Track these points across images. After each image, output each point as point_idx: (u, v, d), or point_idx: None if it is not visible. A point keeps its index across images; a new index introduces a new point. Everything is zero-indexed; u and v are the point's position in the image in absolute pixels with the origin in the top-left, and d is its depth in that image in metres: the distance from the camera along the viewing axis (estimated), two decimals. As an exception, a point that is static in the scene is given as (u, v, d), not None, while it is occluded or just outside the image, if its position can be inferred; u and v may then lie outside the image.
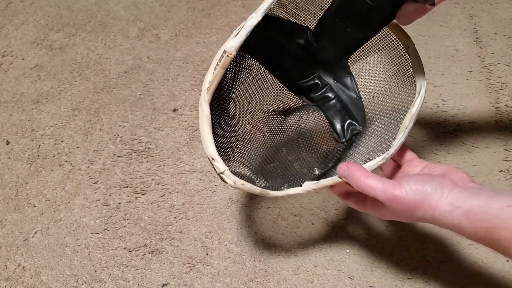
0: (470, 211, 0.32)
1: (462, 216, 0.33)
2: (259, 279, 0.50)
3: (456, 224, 0.33)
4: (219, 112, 0.42)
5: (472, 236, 0.33)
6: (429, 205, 0.35)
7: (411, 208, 0.35)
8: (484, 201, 0.32)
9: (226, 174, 0.37)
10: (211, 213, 0.56)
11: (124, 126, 0.65)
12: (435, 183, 0.35)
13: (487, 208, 0.32)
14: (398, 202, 0.35)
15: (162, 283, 0.50)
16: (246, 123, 0.48)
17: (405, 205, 0.35)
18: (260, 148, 0.48)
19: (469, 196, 0.33)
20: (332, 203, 0.56)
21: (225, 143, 0.42)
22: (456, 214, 0.33)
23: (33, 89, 0.71)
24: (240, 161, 0.43)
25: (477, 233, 0.32)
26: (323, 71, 0.51)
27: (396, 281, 0.49)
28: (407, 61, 0.43)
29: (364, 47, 0.47)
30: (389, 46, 0.45)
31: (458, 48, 0.74)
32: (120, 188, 0.58)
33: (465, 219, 0.33)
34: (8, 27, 0.81)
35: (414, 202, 0.35)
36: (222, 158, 0.37)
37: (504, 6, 0.80)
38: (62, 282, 0.50)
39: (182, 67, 0.73)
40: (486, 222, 0.31)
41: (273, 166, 0.46)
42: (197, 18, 0.82)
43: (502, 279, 0.49)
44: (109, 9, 0.84)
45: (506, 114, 0.64)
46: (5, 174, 0.60)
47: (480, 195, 0.33)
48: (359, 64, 0.49)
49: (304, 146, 0.50)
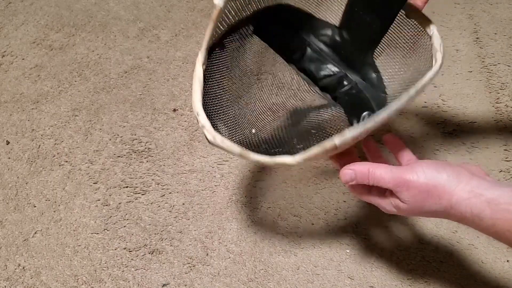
0: (494, 200, 0.30)
1: (484, 204, 0.31)
2: (259, 279, 0.50)
3: (476, 213, 0.31)
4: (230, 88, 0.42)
5: (490, 227, 0.31)
6: (444, 191, 0.32)
7: (422, 195, 0.33)
8: (510, 191, 0.30)
9: (207, 129, 0.36)
10: (211, 213, 0.56)
11: (124, 126, 0.65)
12: (451, 171, 0.33)
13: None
14: (408, 187, 0.33)
15: (162, 283, 0.50)
16: (257, 107, 0.47)
17: (416, 190, 0.33)
18: (268, 134, 0.46)
19: (491, 185, 0.31)
20: (332, 203, 0.56)
21: (229, 118, 0.42)
22: (476, 202, 0.31)
23: (33, 89, 0.71)
24: (240, 140, 0.42)
25: (497, 225, 0.30)
26: (349, 69, 0.49)
27: (396, 281, 0.49)
28: (427, 41, 0.41)
29: (386, 38, 0.45)
30: (409, 32, 0.43)
31: (458, 48, 0.74)
32: (120, 188, 0.58)
33: (487, 207, 0.30)
34: (8, 27, 0.81)
35: (426, 187, 0.33)
36: (223, 132, 0.36)
37: (504, 6, 0.80)
38: (62, 282, 0.50)
39: (182, 67, 0.73)
40: (511, 213, 0.29)
41: (278, 151, 0.44)
42: (197, 18, 0.82)
43: (502, 279, 0.49)
44: (109, 9, 0.84)
45: (506, 114, 0.64)
46: (5, 174, 0.60)
47: (503, 186, 0.31)
48: (382, 58, 0.47)
49: (316, 138, 0.47)
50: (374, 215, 0.54)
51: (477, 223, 0.32)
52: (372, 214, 0.54)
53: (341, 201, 0.56)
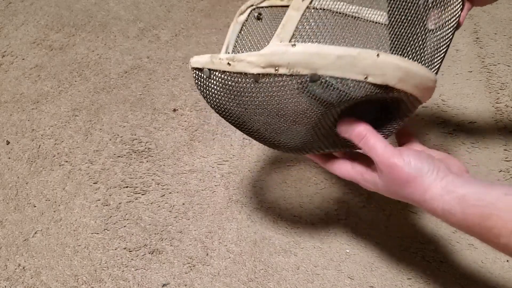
0: (464, 197, 0.32)
1: (455, 201, 0.32)
2: (259, 279, 0.50)
3: (446, 209, 0.33)
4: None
5: (460, 222, 0.33)
6: (422, 185, 0.34)
7: (402, 182, 0.35)
8: (480, 188, 0.32)
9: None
10: (211, 213, 0.56)
11: (124, 126, 0.65)
12: (433, 165, 0.35)
13: (482, 195, 0.32)
14: (392, 170, 0.35)
15: (162, 283, 0.50)
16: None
17: (397, 176, 0.35)
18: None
19: (463, 183, 0.33)
20: (332, 203, 0.56)
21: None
22: (448, 198, 0.33)
23: (33, 89, 0.71)
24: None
25: (467, 220, 0.32)
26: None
27: (396, 281, 0.49)
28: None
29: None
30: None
31: (458, 48, 0.74)
32: (120, 188, 0.58)
33: (457, 204, 0.32)
34: (8, 27, 0.81)
35: (407, 177, 0.34)
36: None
37: (504, 6, 0.80)
38: (62, 282, 0.50)
39: (182, 67, 0.73)
40: (480, 208, 0.31)
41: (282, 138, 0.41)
42: (197, 18, 0.82)
43: (502, 279, 0.49)
44: (109, 9, 0.84)
45: (506, 114, 0.64)
46: (5, 174, 0.60)
47: (475, 183, 0.33)
48: None
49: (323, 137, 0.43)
50: (374, 215, 0.54)
51: (448, 218, 0.33)
52: (372, 214, 0.54)
53: (341, 201, 0.56)
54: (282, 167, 0.60)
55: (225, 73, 0.35)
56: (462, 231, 0.34)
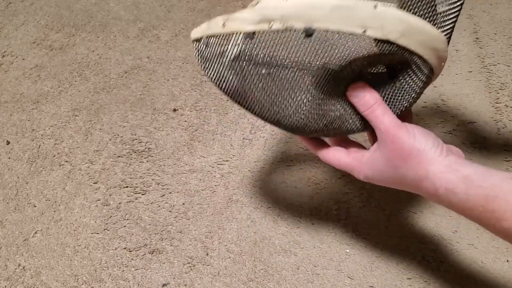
0: (469, 176, 0.31)
1: (459, 179, 0.32)
2: (259, 279, 0.50)
3: (450, 188, 0.32)
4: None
5: (462, 202, 0.32)
6: (425, 159, 0.33)
7: (405, 154, 0.33)
8: (484, 170, 0.31)
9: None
10: (211, 213, 0.56)
11: (124, 126, 0.65)
12: (437, 142, 0.34)
13: (488, 176, 0.31)
14: (396, 140, 0.34)
15: (162, 283, 0.50)
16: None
17: (400, 147, 0.34)
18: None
19: (466, 164, 0.32)
20: (332, 203, 0.56)
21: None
22: (451, 177, 0.32)
23: (33, 89, 0.71)
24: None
25: (469, 201, 0.31)
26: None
27: (396, 281, 0.49)
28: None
29: None
30: None
31: (458, 48, 0.74)
32: (120, 188, 0.58)
33: (462, 183, 0.31)
34: (8, 27, 0.81)
35: (411, 149, 0.33)
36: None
37: (504, 6, 0.80)
38: (62, 282, 0.50)
39: (182, 67, 0.73)
40: (485, 190, 0.30)
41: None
42: (197, 18, 0.82)
43: (502, 279, 0.49)
44: (109, 9, 0.84)
45: (506, 114, 0.64)
46: (5, 174, 0.60)
47: (478, 165, 0.32)
48: None
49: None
50: (374, 215, 0.54)
51: (449, 198, 0.32)
52: (372, 214, 0.54)
53: (341, 201, 0.56)
54: (282, 167, 0.60)
55: (221, 36, 0.34)
56: (459, 213, 0.33)
